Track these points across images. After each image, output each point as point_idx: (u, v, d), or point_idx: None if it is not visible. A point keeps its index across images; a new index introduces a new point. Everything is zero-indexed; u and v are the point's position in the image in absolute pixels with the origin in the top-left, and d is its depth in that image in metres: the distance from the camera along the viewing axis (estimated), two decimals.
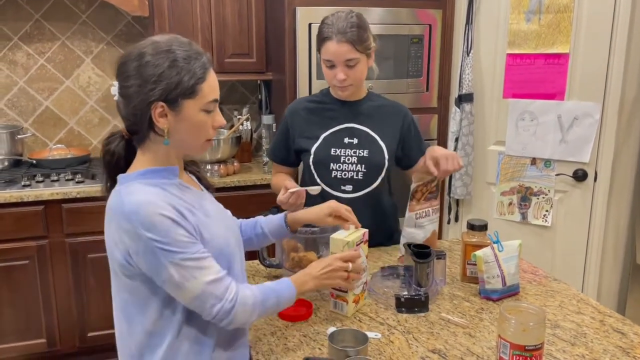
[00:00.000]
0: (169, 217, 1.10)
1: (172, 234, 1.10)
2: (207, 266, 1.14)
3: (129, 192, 1.13)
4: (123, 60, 1.15)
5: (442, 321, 1.40)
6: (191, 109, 1.15)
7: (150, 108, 1.12)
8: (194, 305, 1.14)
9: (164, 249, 1.09)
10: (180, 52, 1.12)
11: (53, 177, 2.72)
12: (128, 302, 1.19)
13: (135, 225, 1.08)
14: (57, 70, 3.06)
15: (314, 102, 1.94)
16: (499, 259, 1.51)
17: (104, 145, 1.23)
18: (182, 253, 1.10)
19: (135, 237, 1.09)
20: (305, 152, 1.89)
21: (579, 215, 2.78)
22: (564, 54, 2.69)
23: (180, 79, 1.11)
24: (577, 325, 1.38)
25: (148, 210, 1.09)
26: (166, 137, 1.15)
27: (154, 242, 1.08)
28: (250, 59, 3.00)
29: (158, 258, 1.09)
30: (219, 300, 1.13)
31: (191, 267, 1.11)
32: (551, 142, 2.77)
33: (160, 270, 1.11)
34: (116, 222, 1.12)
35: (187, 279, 1.11)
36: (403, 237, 1.71)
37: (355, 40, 1.71)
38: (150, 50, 1.12)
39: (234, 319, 1.16)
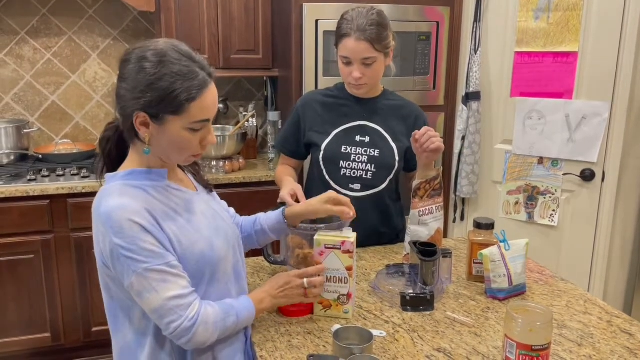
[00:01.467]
0: (138, 224, 1.09)
1: (139, 241, 1.09)
2: (171, 280, 1.11)
3: (108, 194, 1.13)
4: (125, 58, 1.14)
5: (447, 320, 1.39)
6: (174, 125, 1.12)
7: (132, 115, 1.11)
8: (153, 318, 1.13)
9: (128, 257, 1.08)
10: (179, 67, 1.09)
11: (59, 171, 2.72)
12: (113, 300, 1.20)
13: (107, 228, 1.09)
14: (63, 65, 3.06)
15: (328, 96, 1.92)
16: (505, 258, 1.50)
17: (103, 132, 1.25)
18: (145, 263, 1.09)
19: (106, 240, 1.10)
20: (315, 147, 1.87)
21: (586, 216, 2.76)
22: (573, 52, 2.67)
23: (168, 94, 1.08)
24: (584, 326, 1.37)
25: (119, 215, 1.08)
26: (147, 146, 1.14)
27: (120, 249, 1.08)
28: (257, 55, 2.99)
29: (122, 264, 1.09)
30: (178, 317, 1.11)
31: (153, 279, 1.10)
32: (559, 141, 2.75)
33: (124, 276, 1.11)
34: (95, 224, 1.14)
35: (147, 290, 1.09)
36: (407, 235, 1.70)
37: (374, 39, 1.69)
38: (150, 56, 1.09)
39: (192, 338, 1.13)
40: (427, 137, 1.65)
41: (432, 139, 1.65)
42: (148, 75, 1.08)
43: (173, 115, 1.10)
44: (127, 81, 1.10)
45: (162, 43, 1.13)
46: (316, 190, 1.82)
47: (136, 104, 1.09)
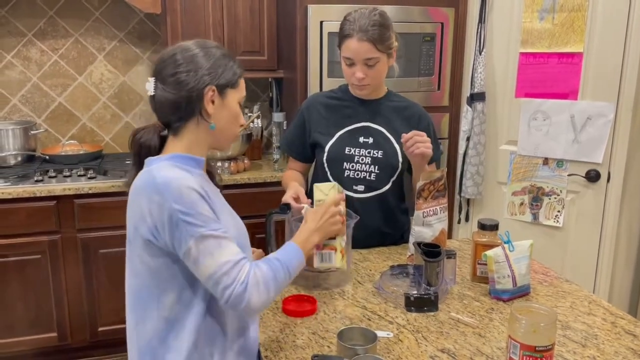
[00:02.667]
0: (196, 191, 1.15)
1: (197, 207, 1.14)
2: (225, 246, 1.15)
3: (160, 169, 1.17)
4: (169, 54, 1.23)
5: (451, 321, 1.40)
6: (233, 99, 1.26)
7: (203, 92, 1.20)
8: (209, 285, 1.15)
9: (187, 222, 1.12)
10: (224, 50, 1.26)
11: (65, 172, 2.73)
12: (144, 287, 1.20)
13: (165, 196, 1.12)
14: (70, 67, 3.09)
15: (332, 98, 1.93)
16: (509, 259, 1.50)
17: (134, 135, 1.28)
18: (203, 227, 1.13)
19: (162, 208, 1.12)
20: (319, 149, 1.88)
21: (591, 216, 2.76)
22: (578, 53, 2.67)
23: (226, 69, 1.24)
24: (588, 327, 1.37)
25: (178, 183, 1.14)
26: (212, 122, 1.24)
27: (179, 214, 1.11)
28: (262, 57, 3.00)
29: (181, 230, 1.12)
30: (231, 282, 1.13)
31: (210, 244, 1.13)
32: (564, 142, 2.74)
33: (181, 243, 1.12)
34: (147, 196, 1.14)
35: (204, 255, 1.12)
36: (412, 235, 1.70)
37: (377, 39, 1.69)
38: (198, 45, 1.23)
39: (248, 303, 1.14)
40: (412, 142, 1.68)
41: (417, 144, 1.67)
42: (208, 57, 1.22)
43: (232, 89, 1.25)
44: (185, 66, 1.20)
45: (193, 40, 1.26)
46: None
47: (206, 81, 1.21)
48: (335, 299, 1.52)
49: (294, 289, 1.58)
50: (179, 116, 1.23)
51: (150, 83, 1.23)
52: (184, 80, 1.20)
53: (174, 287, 1.18)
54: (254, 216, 2.78)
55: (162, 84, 1.21)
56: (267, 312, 1.45)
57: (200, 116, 1.23)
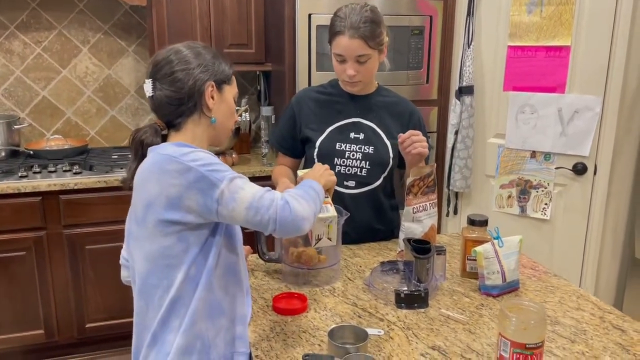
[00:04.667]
0: (210, 153, 1.21)
1: (216, 161, 1.19)
2: (250, 183, 1.20)
3: (166, 148, 1.22)
4: (163, 56, 1.27)
5: (441, 317, 1.40)
6: (229, 94, 1.32)
7: (204, 87, 1.25)
8: (250, 217, 1.17)
9: (213, 170, 1.16)
10: (213, 50, 1.33)
11: (50, 167, 2.70)
12: (153, 271, 1.21)
13: (184, 161, 1.16)
14: (53, 60, 3.03)
15: (322, 93, 1.91)
16: (499, 255, 1.51)
17: (135, 133, 1.29)
18: (228, 171, 1.18)
19: (184, 171, 1.15)
20: (309, 144, 1.87)
21: (578, 209, 2.78)
22: (565, 46, 2.67)
23: (222, 67, 1.30)
24: (577, 322, 1.38)
25: (192, 150, 1.19)
26: (213, 115, 1.28)
27: (203, 167, 1.15)
28: (249, 50, 2.98)
29: (209, 180, 1.14)
30: (271, 201, 1.17)
31: (238, 182, 1.18)
32: (551, 135, 2.76)
33: (212, 191, 1.14)
34: (160, 171, 1.18)
35: (237, 191, 1.16)
36: (402, 231, 1.70)
37: (368, 36, 1.68)
38: (189, 47, 1.28)
39: (296, 212, 1.19)
40: (409, 142, 1.68)
41: (414, 144, 1.67)
42: (205, 54, 1.28)
43: (228, 85, 1.32)
44: (183, 64, 1.25)
45: (180, 43, 1.32)
46: None
47: (205, 77, 1.26)
48: (325, 296, 1.51)
49: (284, 286, 1.57)
50: (181, 112, 1.27)
51: (148, 84, 1.27)
52: (183, 78, 1.25)
53: (183, 263, 1.19)
54: None
55: (161, 84, 1.25)
56: (257, 310, 1.44)
57: (201, 111, 1.27)
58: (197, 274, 1.21)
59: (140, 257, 1.25)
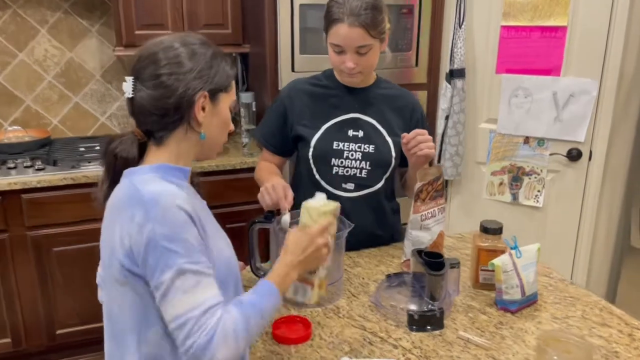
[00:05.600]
0: (186, 212, 0.99)
1: (184, 232, 0.98)
2: (203, 285, 0.97)
3: (145, 182, 1.02)
4: (149, 51, 1.06)
5: (460, 341, 1.27)
6: (224, 104, 1.12)
7: (194, 98, 1.05)
8: (172, 326, 0.97)
9: (168, 248, 0.96)
10: (213, 47, 1.10)
11: (10, 164, 2.45)
12: (124, 321, 1.04)
13: (149, 215, 0.97)
14: (9, 43, 2.75)
15: (316, 85, 1.72)
16: (517, 267, 1.38)
17: (107, 144, 1.11)
18: (185, 258, 0.96)
19: (143, 229, 0.96)
20: (303, 143, 1.69)
21: (572, 196, 2.70)
22: (562, 26, 2.54)
23: (219, 71, 1.08)
24: (606, 342, 1.27)
25: (167, 200, 0.98)
26: (202, 131, 1.09)
27: (161, 238, 0.96)
28: (225, 30, 2.75)
29: (158, 257, 0.96)
30: (196, 330, 0.94)
31: (187, 279, 0.96)
32: (545, 120, 2.64)
33: (155, 271, 0.96)
34: (129, 213, 0.99)
35: (177, 291, 0.95)
36: (408, 239, 1.56)
37: (369, 24, 1.50)
38: (182, 42, 1.07)
39: (213, 356, 0.95)
40: (415, 142, 1.52)
41: (420, 145, 1.51)
42: (202, 55, 1.06)
43: (224, 93, 1.10)
44: (174, 67, 1.04)
45: (178, 34, 1.11)
46: (304, 192, 1.64)
47: (200, 83, 1.05)
48: (330, 317, 1.36)
49: (282, 307, 1.41)
50: (164, 124, 1.07)
51: (129, 83, 1.06)
52: (171, 85, 1.04)
53: (157, 319, 1.01)
54: (224, 205, 2.60)
55: (144, 86, 1.05)
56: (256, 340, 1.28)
57: (188, 125, 1.08)
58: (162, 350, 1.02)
59: (110, 302, 1.07)
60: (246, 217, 2.64)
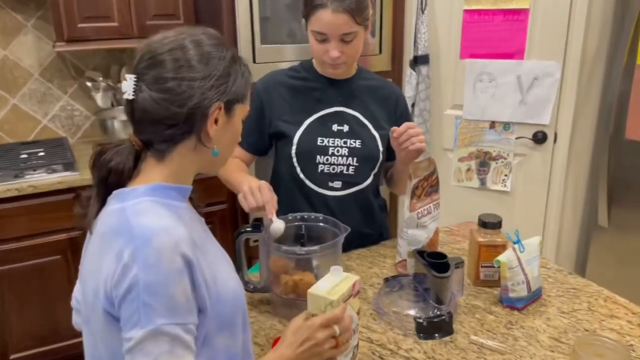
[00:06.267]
0: (183, 257, 0.84)
1: (171, 286, 0.82)
2: (177, 354, 0.83)
3: (138, 212, 0.87)
4: (159, 48, 0.90)
5: (473, 346, 1.20)
6: (239, 116, 0.99)
7: (209, 110, 0.90)
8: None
9: (147, 303, 0.81)
10: (231, 49, 0.95)
11: None
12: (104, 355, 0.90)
13: (139, 256, 0.82)
14: None
15: (294, 78, 1.60)
16: (522, 263, 1.33)
17: (99, 155, 0.95)
18: (162, 318, 0.82)
19: (127, 272, 0.82)
20: (284, 140, 1.56)
21: (538, 179, 2.71)
22: (524, 9, 2.52)
23: (237, 78, 0.94)
24: (619, 335, 1.24)
25: (163, 242, 0.83)
26: (214, 146, 0.94)
27: (143, 289, 0.81)
28: (177, 21, 2.56)
29: (134, 308, 0.81)
30: None
31: (160, 344, 0.81)
32: (510, 104, 2.63)
33: (127, 323, 0.82)
34: (116, 251, 0.84)
35: (143, 354, 0.81)
36: (402, 239, 1.48)
37: (355, 9, 1.39)
38: (205, 40, 0.92)
39: None
40: (406, 136, 1.43)
41: (412, 139, 1.43)
42: (220, 60, 0.91)
43: (240, 104, 0.97)
44: (192, 70, 0.89)
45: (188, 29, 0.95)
46: (285, 192, 1.55)
47: (216, 94, 0.91)
48: None
49: (277, 322, 1.30)
50: (169, 136, 0.92)
51: (129, 82, 0.90)
52: (182, 92, 0.88)
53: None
54: None
55: (150, 89, 0.89)
56: None
57: (197, 140, 0.93)
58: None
59: (91, 344, 0.93)
60: (211, 219, 2.49)
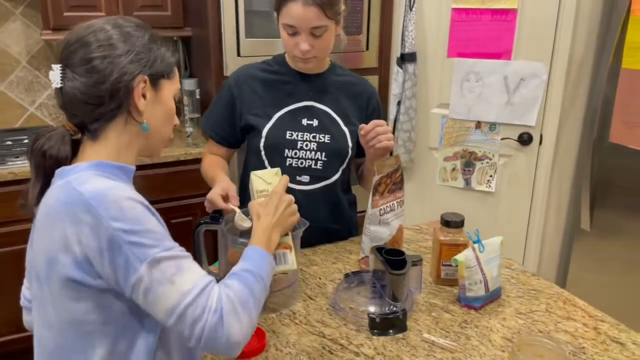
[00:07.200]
0: (139, 202, 0.90)
1: (145, 222, 0.88)
2: (185, 268, 0.89)
3: (83, 182, 0.90)
4: (77, 36, 0.95)
5: (425, 344, 1.20)
6: (168, 92, 1.02)
7: (133, 83, 0.94)
8: (170, 323, 0.87)
9: (134, 242, 0.86)
10: (150, 31, 1.00)
11: None
12: (62, 342, 0.91)
13: (100, 213, 0.85)
14: None
15: (267, 71, 1.60)
16: (480, 262, 1.32)
17: (34, 142, 0.98)
18: (156, 247, 0.87)
19: (98, 230, 0.85)
20: (254, 133, 1.57)
21: (523, 180, 2.70)
22: (512, 9, 2.51)
23: (160, 54, 0.99)
24: (572, 337, 1.23)
25: (115, 194, 0.88)
26: (144, 121, 0.98)
27: (122, 234, 0.85)
28: (164, 12, 2.57)
29: (126, 255, 0.85)
30: (201, 313, 0.86)
31: (166, 267, 0.87)
32: (497, 104, 2.62)
33: (128, 272, 0.86)
34: (71, 217, 0.87)
35: (161, 283, 0.86)
36: (365, 235, 1.48)
37: (325, 3, 1.39)
38: (124, 23, 0.97)
39: (230, 335, 0.87)
40: (374, 134, 1.43)
41: (379, 137, 1.43)
42: (137, 38, 0.96)
43: (167, 79, 1.01)
44: (107, 49, 0.94)
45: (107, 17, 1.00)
46: None
47: (137, 67, 0.95)
48: (285, 325, 1.26)
49: None
50: (100, 115, 0.96)
51: (56, 72, 0.95)
52: (104, 69, 0.93)
53: (105, 338, 0.90)
54: (169, 199, 2.45)
55: (74, 73, 0.94)
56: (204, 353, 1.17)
57: (128, 114, 0.97)
58: (129, 349, 0.91)
59: (43, 324, 0.94)
60: (193, 211, 2.50)
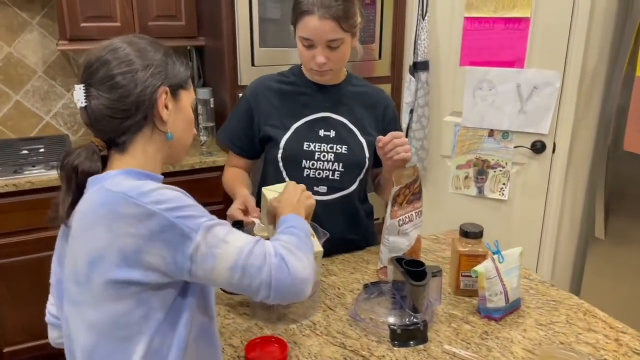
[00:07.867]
0: (176, 189, 0.94)
1: (186, 200, 0.93)
2: (234, 231, 0.94)
3: (117, 184, 0.93)
4: (98, 54, 0.98)
5: (446, 355, 1.20)
6: (186, 101, 1.06)
7: (156, 94, 0.98)
8: (235, 280, 0.91)
9: (184, 216, 0.89)
10: (165, 47, 1.04)
11: None
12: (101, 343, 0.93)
13: (141, 202, 0.89)
14: None
15: (284, 82, 1.62)
16: (500, 273, 1.32)
17: (64, 158, 1.01)
18: (204, 217, 0.92)
19: (145, 217, 0.88)
20: (271, 144, 1.59)
21: (536, 189, 2.69)
22: (525, 18, 2.51)
23: (176, 67, 1.03)
24: (594, 348, 1.23)
25: (150, 186, 0.92)
26: (169, 130, 1.01)
27: (172, 213, 0.89)
28: (179, 22, 2.60)
29: (179, 229, 0.88)
30: (263, 258, 0.91)
31: (219, 231, 0.91)
32: (509, 112, 2.62)
33: (184, 244, 0.88)
34: (113, 214, 0.89)
35: (218, 246, 0.90)
36: (384, 246, 1.48)
37: (341, 16, 1.40)
38: (137, 40, 1.01)
39: (294, 271, 0.91)
40: (392, 146, 1.44)
41: (397, 149, 1.43)
42: (155, 52, 1.01)
43: (184, 90, 1.05)
44: (127, 65, 0.97)
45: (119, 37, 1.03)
46: None
47: (158, 80, 0.99)
48: (306, 335, 1.27)
49: (254, 325, 1.31)
50: (127, 127, 0.99)
51: (79, 92, 0.97)
52: (127, 84, 0.96)
53: (143, 334, 0.92)
54: None
55: (98, 91, 0.97)
56: None
57: (153, 125, 1.00)
58: (163, 347, 0.93)
59: (82, 327, 0.95)
60: None
